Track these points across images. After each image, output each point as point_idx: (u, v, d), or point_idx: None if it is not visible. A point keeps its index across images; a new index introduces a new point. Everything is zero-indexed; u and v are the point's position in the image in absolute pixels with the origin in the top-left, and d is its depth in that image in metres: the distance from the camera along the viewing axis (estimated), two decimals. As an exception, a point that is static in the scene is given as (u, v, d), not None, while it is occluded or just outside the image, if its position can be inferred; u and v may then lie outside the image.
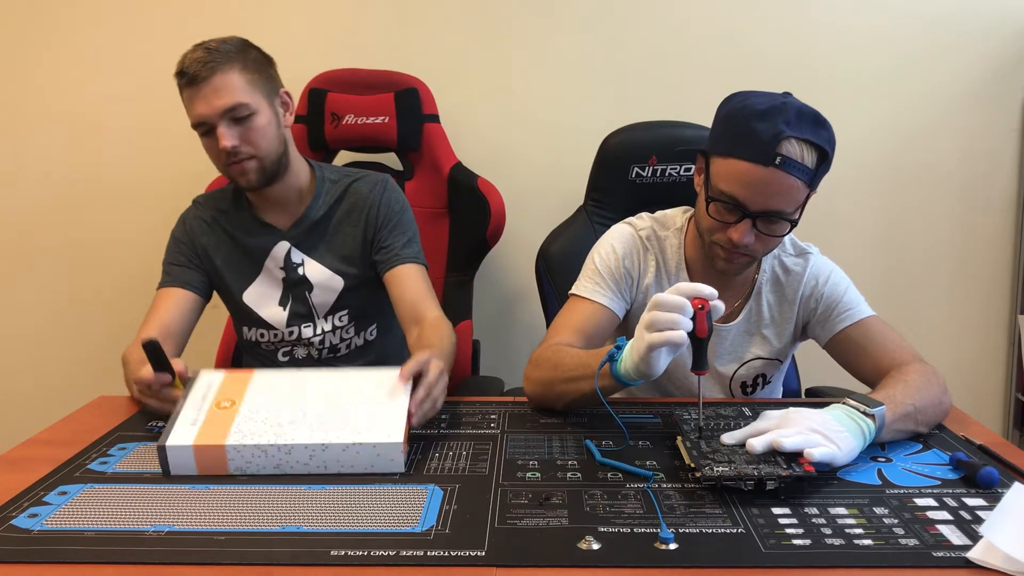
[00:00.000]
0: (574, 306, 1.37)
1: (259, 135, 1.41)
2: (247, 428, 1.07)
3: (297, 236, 1.53)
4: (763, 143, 1.16)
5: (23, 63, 2.06)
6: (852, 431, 1.03)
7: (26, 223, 2.12)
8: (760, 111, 1.18)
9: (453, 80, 2.01)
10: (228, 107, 1.37)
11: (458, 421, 1.23)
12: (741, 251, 1.25)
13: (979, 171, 2.07)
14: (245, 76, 1.40)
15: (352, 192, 1.55)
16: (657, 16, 2.01)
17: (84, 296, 2.15)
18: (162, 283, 1.52)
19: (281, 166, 1.47)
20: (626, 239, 1.41)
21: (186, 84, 1.38)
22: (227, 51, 1.39)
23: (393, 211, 1.54)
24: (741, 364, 1.41)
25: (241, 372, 1.20)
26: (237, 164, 1.41)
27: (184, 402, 1.12)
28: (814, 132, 1.18)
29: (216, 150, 1.40)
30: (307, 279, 1.53)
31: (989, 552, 0.82)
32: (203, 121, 1.38)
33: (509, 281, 2.12)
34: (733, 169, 1.19)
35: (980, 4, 1.99)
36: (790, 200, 1.20)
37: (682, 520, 0.91)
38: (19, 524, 0.91)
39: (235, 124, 1.39)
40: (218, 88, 1.37)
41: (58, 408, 1.34)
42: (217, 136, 1.38)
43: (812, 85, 1.93)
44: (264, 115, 1.42)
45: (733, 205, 1.21)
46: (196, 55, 1.37)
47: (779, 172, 1.16)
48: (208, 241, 1.54)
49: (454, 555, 0.84)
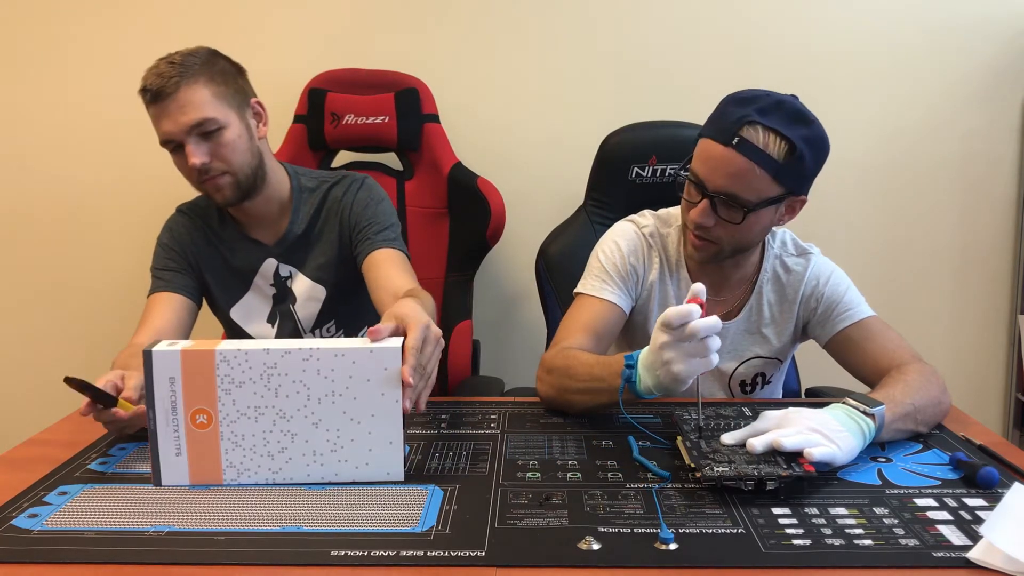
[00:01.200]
0: (582, 305, 1.37)
1: (230, 150, 1.36)
2: (238, 461, 1.02)
3: (283, 252, 1.50)
4: (728, 123, 1.19)
5: (21, 63, 2.06)
6: (852, 431, 1.03)
7: (26, 223, 2.12)
8: (740, 98, 1.22)
9: (453, 80, 2.01)
10: (195, 123, 1.32)
11: (458, 421, 1.23)
12: (704, 235, 1.27)
13: (979, 171, 2.07)
14: (211, 89, 1.34)
15: (330, 198, 1.52)
16: (657, 16, 2.01)
17: (84, 296, 2.15)
18: (153, 289, 1.47)
19: (257, 179, 1.42)
20: (630, 236, 1.41)
21: (150, 100, 1.32)
22: (191, 64, 1.33)
23: (366, 205, 1.50)
24: (741, 362, 1.41)
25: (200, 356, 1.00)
26: (210, 181, 1.37)
27: (154, 422, 1.00)
28: (787, 125, 1.18)
29: (186, 168, 1.36)
30: (292, 292, 1.51)
31: (989, 552, 0.82)
32: (170, 139, 1.34)
33: (509, 281, 2.12)
34: (700, 147, 1.24)
35: (980, 5, 1.99)
36: (747, 185, 1.20)
37: (682, 520, 0.91)
38: (19, 524, 0.91)
39: (203, 140, 1.34)
40: (183, 104, 1.31)
41: (58, 408, 1.34)
42: (187, 152, 1.33)
43: (812, 85, 1.93)
44: (234, 128, 1.37)
45: (696, 184, 1.24)
46: (159, 69, 1.32)
47: (735, 153, 1.18)
48: (198, 251, 1.51)
49: (454, 555, 0.84)
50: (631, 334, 1.44)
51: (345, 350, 0.99)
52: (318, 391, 1.00)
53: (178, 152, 1.36)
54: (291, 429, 1.01)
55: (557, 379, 1.25)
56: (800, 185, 1.24)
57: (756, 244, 1.35)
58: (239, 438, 1.01)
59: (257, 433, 1.01)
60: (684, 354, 1.03)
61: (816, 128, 1.21)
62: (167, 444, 1.01)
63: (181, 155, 1.35)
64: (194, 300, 1.49)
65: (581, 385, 1.21)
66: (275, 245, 1.50)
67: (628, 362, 1.12)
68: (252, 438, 1.01)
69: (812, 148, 1.20)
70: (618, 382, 1.12)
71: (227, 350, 1.00)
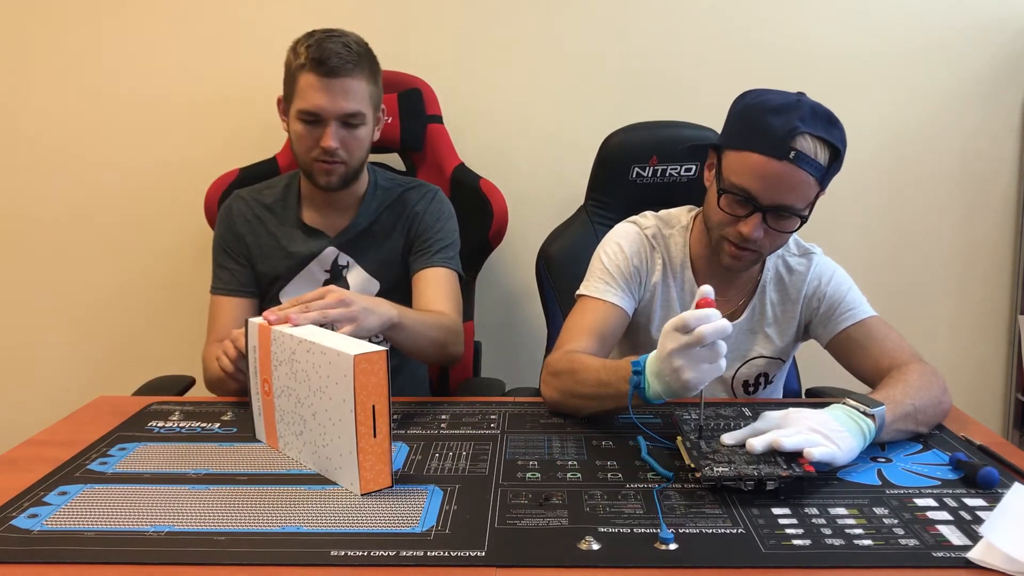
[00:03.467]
0: (585, 307, 1.36)
1: (358, 144, 1.43)
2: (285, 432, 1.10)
3: (345, 243, 1.53)
4: (778, 137, 1.17)
5: (22, 62, 2.06)
6: (852, 431, 1.03)
7: (26, 223, 2.12)
8: (775, 106, 1.20)
9: (456, 81, 2.01)
10: (349, 111, 1.38)
11: (458, 421, 1.23)
12: (750, 246, 1.25)
13: (979, 171, 2.07)
14: (370, 85, 1.42)
15: (401, 200, 1.56)
16: (658, 16, 2.01)
17: (84, 296, 2.14)
18: (215, 289, 1.53)
19: (358, 174, 1.49)
20: (632, 238, 1.41)
21: (318, 71, 1.36)
22: (362, 54, 1.40)
23: (437, 219, 1.55)
24: (744, 362, 1.41)
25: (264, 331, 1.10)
26: (328, 164, 1.42)
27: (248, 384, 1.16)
28: (827, 130, 1.19)
29: (311, 141, 1.40)
30: (347, 282, 1.53)
31: (989, 552, 0.82)
32: (317, 113, 1.38)
33: (509, 282, 2.12)
34: (747, 162, 1.20)
35: (980, 4, 1.99)
36: (801, 195, 1.21)
37: (682, 520, 0.91)
38: (19, 524, 0.91)
39: (343, 127, 1.40)
40: (348, 90, 1.37)
41: (58, 408, 1.34)
42: (325, 133, 1.38)
43: (813, 85, 1.90)
44: (369, 127, 1.45)
45: (745, 198, 1.21)
46: (335, 47, 1.36)
47: (792, 167, 1.17)
48: (250, 239, 1.54)
49: (454, 555, 0.84)
50: (633, 335, 1.43)
51: (326, 349, 1.00)
52: (314, 383, 1.03)
53: (313, 125, 1.40)
54: (303, 415, 1.06)
55: (563, 383, 1.24)
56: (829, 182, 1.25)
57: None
58: (283, 412, 1.10)
59: (289, 411, 1.09)
60: (694, 360, 1.01)
61: (843, 128, 1.22)
62: (255, 404, 1.15)
63: (315, 129, 1.40)
64: (255, 296, 1.54)
65: (588, 391, 1.19)
66: (337, 236, 1.54)
67: (635, 368, 1.09)
68: (288, 415, 1.09)
69: (844, 148, 1.22)
70: (626, 387, 1.09)
71: (277, 330, 1.09)
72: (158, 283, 2.11)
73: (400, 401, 1.30)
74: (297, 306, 1.13)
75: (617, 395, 1.13)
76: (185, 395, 1.53)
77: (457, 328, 1.44)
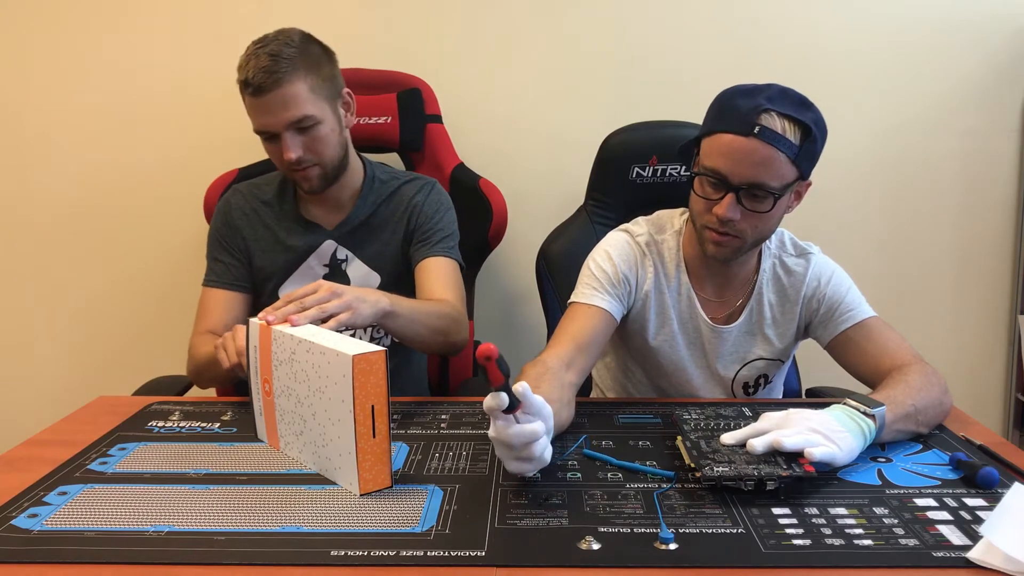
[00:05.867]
0: (572, 315, 1.36)
1: (323, 144, 1.42)
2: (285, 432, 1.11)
3: (343, 236, 1.54)
4: (743, 114, 1.19)
5: (30, 59, 2.06)
6: (852, 431, 1.03)
7: (26, 223, 2.12)
8: (743, 90, 1.23)
9: (456, 81, 2.01)
10: (294, 120, 1.37)
11: (458, 421, 1.23)
12: (729, 230, 1.25)
13: (979, 171, 2.07)
14: (309, 82, 1.39)
15: (399, 194, 1.56)
16: (658, 16, 2.01)
17: (84, 296, 2.15)
18: (208, 281, 1.53)
19: (341, 168, 1.49)
20: (622, 246, 1.40)
21: (250, 93, 1.37)
22: (291, 57, 1.37)
23: (435, 210, 1.55)
24: (744, 364, 1.41)
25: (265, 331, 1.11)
26: (301, 172, 1.43)
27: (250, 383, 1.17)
28: (796, 110, 1.20)
29: (278, 156, 1.42)
30: (347, 275, 1.54)
31: (989, 552, 0.82)
32: (266, 131, 1.39)
33: (509, 281, 2.12)
34: (716, 143, 1.23)
35: (980, 4, 1.99)
36: (772, 172, 1.20)
37: (682, 520, 0.91)
38: (19, 524, 0.91)
39: (299, 134, 1.39)
40: (284, 100, 1.36)
41: (58, 408, 1.34)
42: (283, 145, 1.38)
43: (812, 85, 1.91)
44: (328, 123, 1.43)
45: (717, 179, 1.23)
46: (261, 63, 1.35)
47: (758, 142, 1.18)
48: (248, 233, 1.54)
49: (454, 555, 0.84)
50: (628, 341, 1.43)
51: (325, 349, 1.00)
52: (313, 383, 1.03)
53: (272, 142, 1.41)
54: (303, 415, 1.06)
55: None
56: (810, 168, 1.25)
57: (771, 234, 1.36)
58: (283, 412, 1.10)
59: (289, 411, 1.09)
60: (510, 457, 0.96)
61: (818, 112, 1.24)
62: (256, 404, 1.16)
63: (275, 144, 1.41)
64: (248, 292, 1.54)
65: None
66: (335, 228, 1.54)
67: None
68: (288, 415, 1.09)
69: (820, 131, 1.23)
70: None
71: (277, 329, 1.09)
72: (158, 283, 2.11)
73: (400, 401, 1.30)
74: (293, 304, 1.13)
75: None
76: (185, 395, 1.53)
77: (459, 316, 1.43)
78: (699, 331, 1.39)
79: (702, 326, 1.39)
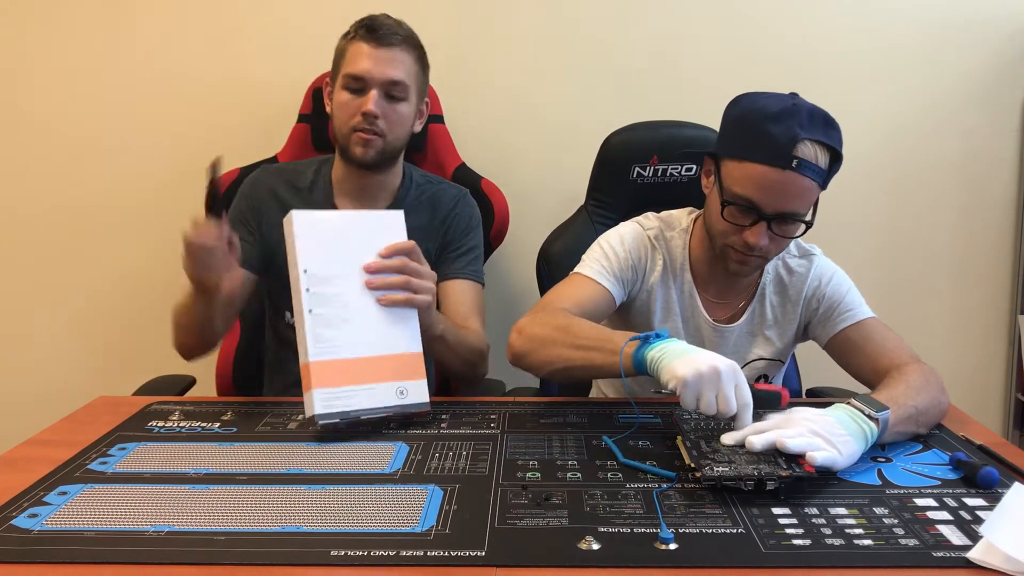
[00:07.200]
0: (576, 282, 1.35)
1: (398, 120, 1.44)
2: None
3: None
4: (779, 146, 1.16)
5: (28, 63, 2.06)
6: (854, 434, 1.03)
7: (26, 222, 2.12)
8: (773, 113, 1.19)
9: (456, 81, 2.01)
10: (395, 80, 1.41)
11: (458, 421, 1.23)
12: (756, 253, 1.25)
13: (979, 171, 2.07)
14: (416, 66, 1.45)
15: (433, 198, 1.56)
16: (659, 16, 2.01)
17: (85, 296, 2.15)
18: None
19: (395, 156, 1.50)
20: (635, 235, 1.41)
21: (368, 38, 1.40)
22: (411, 35, 1.45)
23: (467, 225, 1.57)
24: (744, 365, 1.41)
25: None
26: (365, 133, 1.42)
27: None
28: (826, 133, 1.19)
29: (353, 109, 1.41)
30: None
31: (989, 552, 0.82)
32: (363, 78, 1.40)
33: (510, 282, 2.12)
34: (748, 172, 1.20)
35: (980, 4, 1.99)
36: (805, 202, 1.21)
37: (682, 520, 0.91)
38: (19, 524, 0.91)
39: (386, 98, 1.42)
40: (396, 59, 1.41)
41: (58, 408, 1.34)
42: (367, 98, 1.39)
43: (812, 85, 1.92)
44: (411, 106, 1.46)
45: (748, 208, 1.21)
46: (386, 20, 1.41)
47: (795, 175, 1.17)
48: (271, 217, 1.50)
49: (454, 555, 0.84)
50: (632, 331, 1.43)
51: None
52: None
53: (356, 93, 1.42)
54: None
55: (546, 330, 1.21)
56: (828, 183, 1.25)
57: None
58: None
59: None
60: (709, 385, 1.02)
61: (839, 128, 1.23)
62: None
63: (357, 96, 1.41)
64: (254, 272, 1.49)
65: (580, 341, 1.17)
66: None
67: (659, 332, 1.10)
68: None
69: (842, 149, 1.22)
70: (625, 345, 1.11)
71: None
72: (158, 283, 2.11)
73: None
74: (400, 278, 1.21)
75: (612, 350, 1.13)
76: (185, 395, 1.53)
77: (487, 351, 1.47)
78: (700, 330, 1.40)
79: (703, 325, 1.39)
